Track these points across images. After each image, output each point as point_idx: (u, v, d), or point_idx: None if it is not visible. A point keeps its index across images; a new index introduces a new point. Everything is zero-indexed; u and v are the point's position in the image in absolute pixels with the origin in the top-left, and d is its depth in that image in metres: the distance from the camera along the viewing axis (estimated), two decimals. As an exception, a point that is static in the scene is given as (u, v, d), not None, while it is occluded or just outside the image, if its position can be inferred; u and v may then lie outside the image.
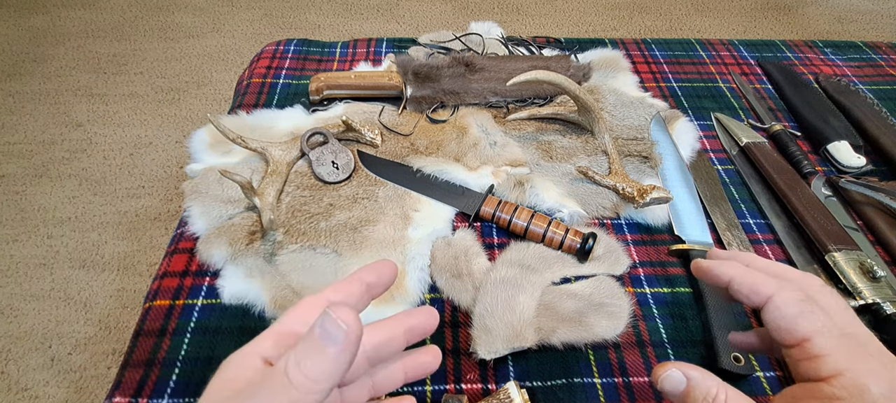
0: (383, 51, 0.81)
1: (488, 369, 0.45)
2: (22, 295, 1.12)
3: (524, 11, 2.00)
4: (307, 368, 0.20)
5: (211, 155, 0.61)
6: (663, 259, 0.54)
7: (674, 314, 0.49)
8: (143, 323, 0.47)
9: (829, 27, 1.99)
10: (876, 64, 0.84)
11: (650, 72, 0.79)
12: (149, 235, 1.23)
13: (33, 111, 1.52)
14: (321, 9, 1.98)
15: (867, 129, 0.67)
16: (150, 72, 1.68)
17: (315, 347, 0.21)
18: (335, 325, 0.20)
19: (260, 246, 0.51)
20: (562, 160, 0.62)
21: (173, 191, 1.33)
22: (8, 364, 1.02)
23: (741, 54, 0.85)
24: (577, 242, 0.52)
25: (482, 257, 0.51)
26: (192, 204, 0.55)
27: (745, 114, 0.73)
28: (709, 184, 0.62)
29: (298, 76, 0.75)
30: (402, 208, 0.55)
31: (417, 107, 0.68)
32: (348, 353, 0.21)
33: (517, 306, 0.45)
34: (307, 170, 0.59)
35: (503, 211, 0.54)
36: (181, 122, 1.52)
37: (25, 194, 1.31)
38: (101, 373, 1.01)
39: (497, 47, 0.79)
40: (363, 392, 0.29)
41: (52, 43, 1.77)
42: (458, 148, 0.61)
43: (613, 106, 0.69)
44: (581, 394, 0.43)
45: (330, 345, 0.20)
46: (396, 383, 0.30)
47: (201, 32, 1.85)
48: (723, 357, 0.44)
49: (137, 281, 1.15)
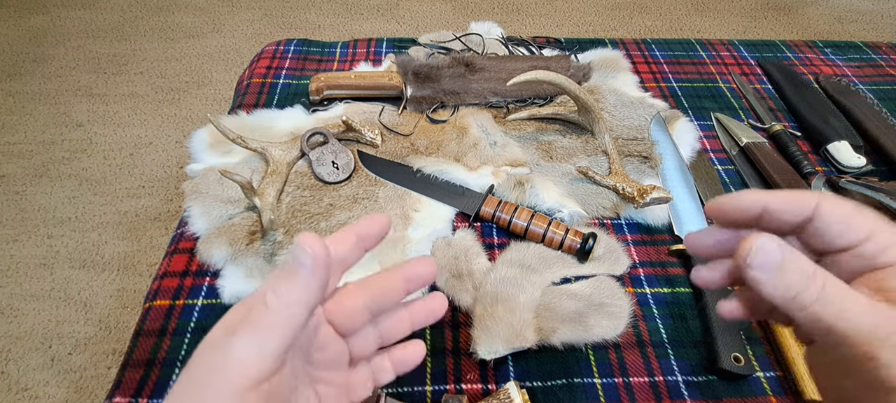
0: (383, 51, 0.81)
1: (488, 369, 0.45)
2: (22, 295, 1.12)
3: (524, 11, 2.00)
4: (280, 291, 0.23)
5: (211, 155, 0.61)
6: (663, 259, 0.54)
7: (674, 314, 0.50)
8: (143, 322, 0.47)
9: (829, 27, 1.99)
10: (876, 64, 0.84)
11: (650, 72, 0.79)
12: (149, 235, 1.23)
13: (33, 111, 1.52)
14: (321, 9, 1.98)
15: (867, 129, 0.67)
16: (150, 72, 1.68)
17: (287, 273, 0.23)
18: (302, 251, 0.22)
19: (260, 246, 0.51)
20: (562, 160, 0.62)
21: (173, 191, 1.33)
22: (8, 364, 1.02)
23: (741, 54, 0.85)
24: (577, 242, 0.52)
25: (482, 257, 0.51)
26: (192, 204, 0.55)
27: (745, 114, 0.73)
28: (709, 184, 0.62)
29: (298, 76, 0.76)
30: (402, 208, 0.55)
31: (417, 107, 0.68)
32: (317, 277, 0.23)
33: (517, 306, 0.45)
34: (307, 170, 0.59)
35: (503, 212, 0.54)
36: (181, 122, 1.52)
37: (25, 194, 1.31)
38: (101, 373, 1.01)
39: (497, 47, 0.79)
40: (369, 342, 0.30)
41: (52, 43, 1.77)
42: (458, 148, 0.61)
43: (613, 106, 0.69)
44: (581, 394, 0.43)
45: (300, 270, 0.23)
46: (403, 330, 0.31)
47: (201, 32, 1.85)
48: (723, 357, 0.44)
49: (137, 281, 1.15)
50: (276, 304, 0.23)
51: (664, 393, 0.44)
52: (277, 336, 0.23)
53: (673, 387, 0.44)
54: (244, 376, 0.22)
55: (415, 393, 0.43)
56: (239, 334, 0.23)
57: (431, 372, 0.45)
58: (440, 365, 0.45)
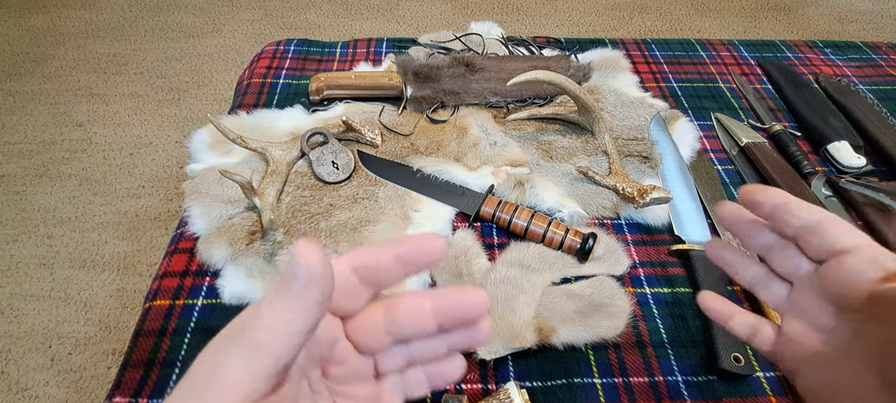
0: (383, 51, 0.81)
1: (488, 369, 0.45)
2: (22, 295, 1.12)
3: (524, 11, 2.00)
4: (274, 303, 0.21)
5: (211, 155, 0.61)
6: (663, 259, 0.54)
7: (674, 314, 0.50)
8: (143, 322, 0.47)
9: (829, 27, 1.99)
10: (876, 64, 0.84)
11: (650, 72, 0.79)
12: (149, 235, 1.23)
13: (33, 111, 1.52)
14: (321, 9, 1.98)
15: (867, 129, 0.67)
16: (150, 72, 1.68)
17: (284, 284, 0.21)
18: (296, 262, 0.20)
19: (260, 247, 0.51)
20: (562, 160, 0.62)
21: (173, 191, 1.33)
22: (8, 364, 1.02)
23: (741, 54, 0.85)
24: (577, 242, 0.52)
25: (482, 257, 0.51)
26: (192, 204, 0.55)
27: (745, 114, 0.73)
28: (709, 184, 0.62)
29: (298, 76, 0.76)
30: (402, 208, 0.55)
31: (417, 107, 0.68)
32: (311, 291, 0.21)
33: (517, 306, 0.45)
34: (307, 170, 0.59)
35: (503, 212, 0.54)
36: (181, 122, 1.52)
37: (25, 194, 1.31)
38: (101, 373, 1.01)
39: (497, 47, 0.79)
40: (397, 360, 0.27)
41: (52, 43, 1.77)
42: (459, 148, 0.61)
43: (613, 106, 0.69)
44: (581, 394, 0.43)
45: (293, 282, 0.21)
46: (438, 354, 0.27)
47: (201, 32, 1.85)
48: (723, 357, 0.44)
49: (137, 281, 1.15)
50: (271, 319, 0.21)
51: (664, 393, 0.44)
52: (270, 355, 0.21)
53: (673, 387, 0.44)
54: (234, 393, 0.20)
55: (415, 393, 0.43)
56: (235, 344, 0.21)
57: (431, 372, 0.45)
58: (440, 365, 0.45)
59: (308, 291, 0.21)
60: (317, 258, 0.20)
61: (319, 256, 0.20)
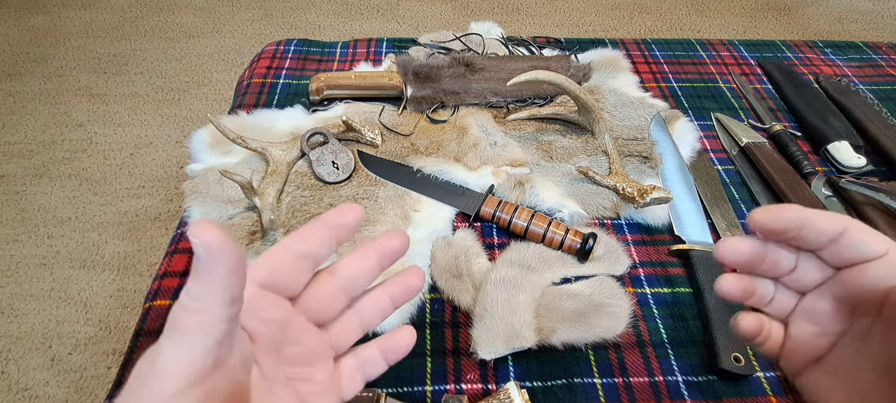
0: (383, 51, 0.81)
1: (488, 369, 0.45)
2: (22, 295, 1.12)
3: (524, 11, 2.00)
4: (190, 289, 0.22)
5: (211, 155, 0.61)
6: (663, 259, 0.54)
7: (674, 314, 0.50)
8: (143, 323, 0.47)
9: (829, 27, 1.99)
10: (876, 64, 0.84)
11: (650, 72, 0.79)
12: (149, 235, 1.23)
13: (33, 111, 1.52)
14: (321, 9, 1.98)
15: (867, 129, 0.67)
16: (150, 72, 1.68)
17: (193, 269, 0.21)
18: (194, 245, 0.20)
19: (260, 247, 0.51)
20: (562, 160, 0.62)
21: (173, 191, 1.33)
22: (8, 364, 1.02)
23: (741, 54, 0.85)
24: (577, 242, 0.52)
25: (482, 257, 0.51)
26: (192, 204, 0.55)
27: (745, 114, 0.73)
28: (709, 184, 0.62)
29: (298, 76, 0.76)
30: (402, 208, 0.55)
31: (417, 107, 0.68)
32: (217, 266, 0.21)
33: (517, 306, 0.45)
34: (307, 170, 0.59)
35: (503, 212, 0.54)
36: (181, 122, 1.52)
37: (25, 194, 1.31)
38: (101, 373, 1.01)
39: (497, 47, 0.79)
40: (351, 328, 0.29)
41: (52, 43, 1.77)
42: (459, 148, 0.61)
43: (613, 106, 0.69)
44: (581, 394, 0.44)
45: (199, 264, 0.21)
46: (385, 311, 0.30)
47: (201, 32, 1.85)
48: (723, 357, 0.44)
49: (138, 281, 1.15)
50: (190, 303, 0.22)
51: (664, 393, 0.44)
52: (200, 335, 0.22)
53: (673, 387, 0.44)
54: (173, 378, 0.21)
55: (415, 393, 0.43)
56: (166, 336, 0.22)
57: (431, 372, 0.45)
58: (440, 365, 0.45)
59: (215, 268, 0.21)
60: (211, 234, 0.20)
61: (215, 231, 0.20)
